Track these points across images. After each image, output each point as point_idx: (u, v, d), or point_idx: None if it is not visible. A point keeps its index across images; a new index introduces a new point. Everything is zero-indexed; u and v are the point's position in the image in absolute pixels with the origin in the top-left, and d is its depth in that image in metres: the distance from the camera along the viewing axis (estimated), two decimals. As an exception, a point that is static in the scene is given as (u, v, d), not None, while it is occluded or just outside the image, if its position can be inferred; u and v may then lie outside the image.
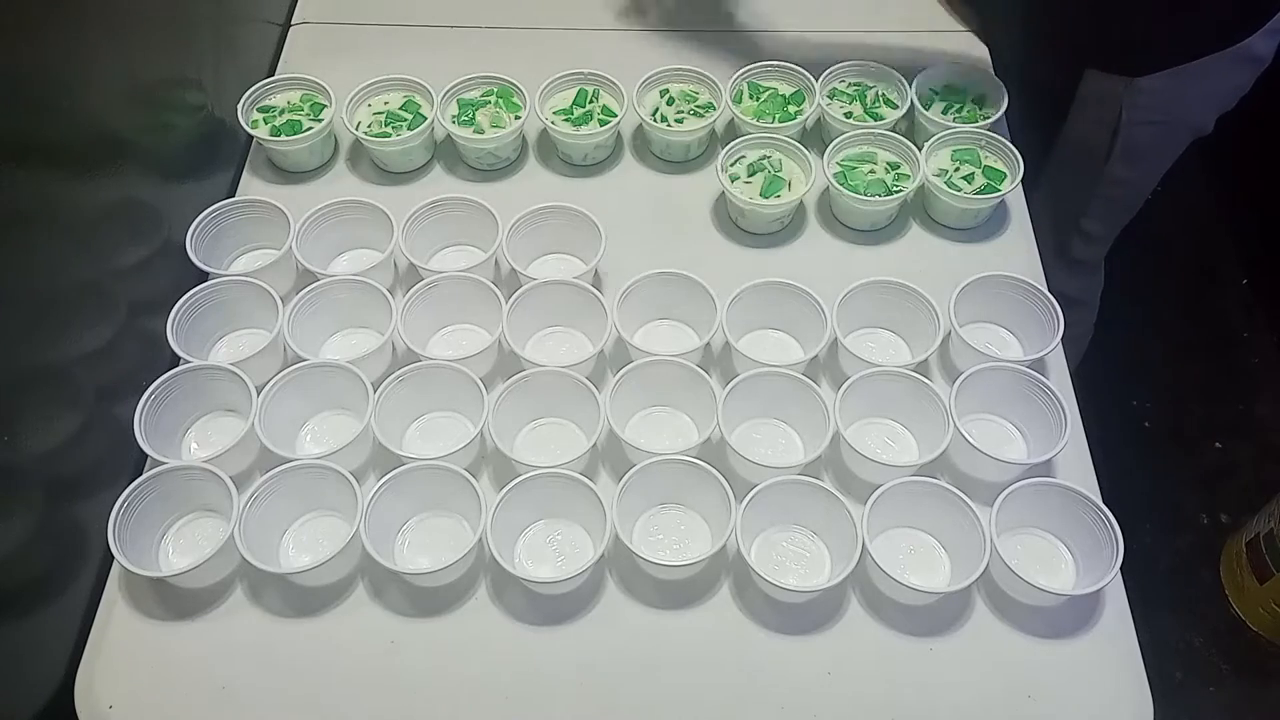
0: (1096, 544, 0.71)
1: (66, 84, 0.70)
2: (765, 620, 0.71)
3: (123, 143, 0.78)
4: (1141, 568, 1.39)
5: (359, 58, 1.06)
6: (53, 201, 0.69)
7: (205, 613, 0.72)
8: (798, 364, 0.79)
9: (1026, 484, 0.72)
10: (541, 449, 0.78)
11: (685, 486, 0.73)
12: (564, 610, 0.72)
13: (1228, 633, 1.39)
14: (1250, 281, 1.77)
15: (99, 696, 0.68)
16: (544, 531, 0.74)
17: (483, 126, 0.96)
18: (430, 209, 0.88)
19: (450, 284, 0.83)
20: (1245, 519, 1.39)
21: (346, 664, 0.70)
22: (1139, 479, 1.50)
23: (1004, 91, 0.97)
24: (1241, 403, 1.64)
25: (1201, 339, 1.71)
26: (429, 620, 0.71)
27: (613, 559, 0.74)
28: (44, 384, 0.69)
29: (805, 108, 0.97)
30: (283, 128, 0.95)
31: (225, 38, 0.98)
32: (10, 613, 0.66)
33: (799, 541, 0.74)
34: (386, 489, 0.71)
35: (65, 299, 0.71)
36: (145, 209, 0.82)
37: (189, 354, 0.79)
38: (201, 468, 0.72)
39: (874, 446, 0.79)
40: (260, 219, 0.88)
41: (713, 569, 0.73)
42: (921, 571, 0.73)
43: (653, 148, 1.00)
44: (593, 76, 0.99)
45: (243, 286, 0.82)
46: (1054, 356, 0.83)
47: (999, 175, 0.92)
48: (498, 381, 0.80)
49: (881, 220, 0.93)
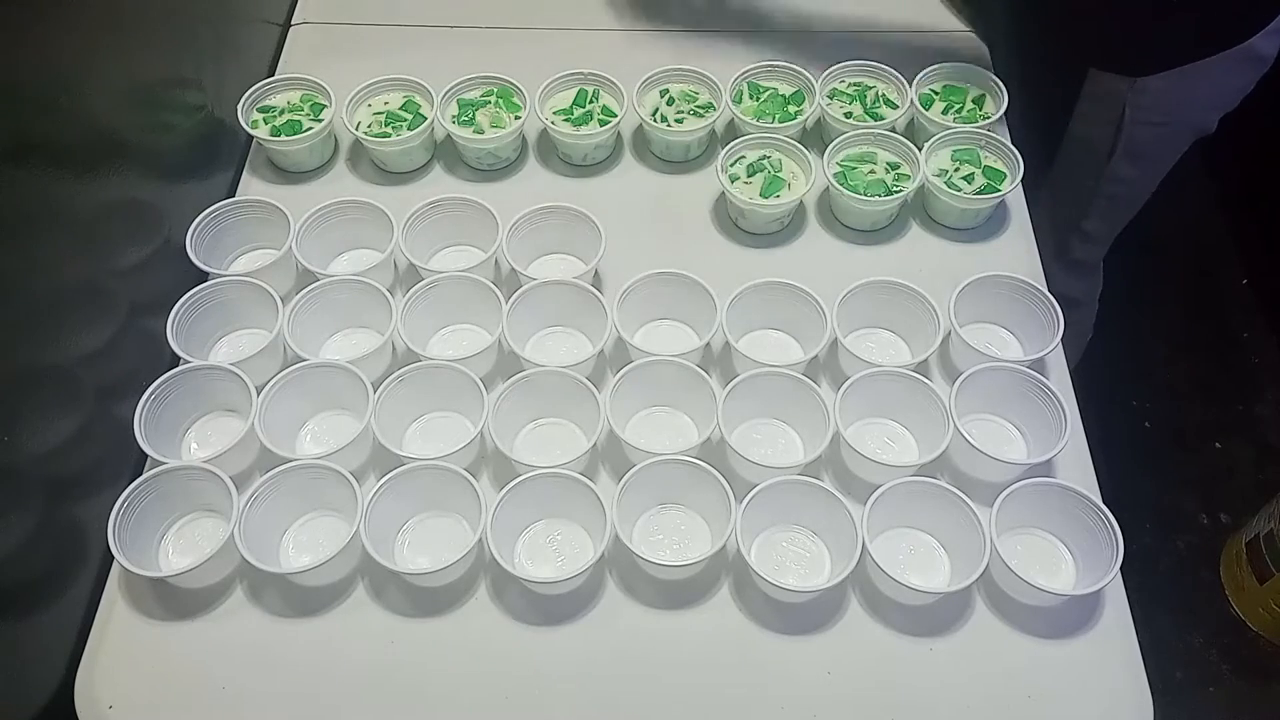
0: (1096, 544, 0.71)
1: (66, 84, 0.70)
2: (765, 620, 0.71)
3: (123, 143, 0.78)
4: (1141, 568, 1.40)
5: (359, 58, 1.06)
6: (53, 201, 0.69)
7: (205, 613, 0.72)
8: (798, 364, 0.79)
9: (1026, 484, 0.72)
10: (542, 449, 0.78)
11: (685, 486, 0.73)
12: (564, 610, 0.72)
13: (1228, 633, 1.39)
14: (1250, 281, 1.77)
15: (99, 696, 0.68)
16: (544, 531, 0.74)
17: (483, 126, 0.96)
18: (430, 209, 0.88)
19: (450, 284, 0.83)
20: (1245, 519, 1.39)
21: (346, 664, 0.70)
22: (1139, 479, 1.50)
23: (1004, 91, 0.97)
24: (1241, 403, 1.64)
25: (1201, 339, 1.71)
26: (429, 620, 0.71)
27: (613, 559, 0.74)
28: (44, 384, 0.69)
29: (805, 108, 0.97)
30: (283, 128, 0.95)
31: (225, 38, 0.98)
32: (10, 613, 0.66)
33: (799, 541, 0.74)
34: (386, 489, 0.71)
35: (65, 299, 0.71)
36: (145, 209, 0.82)
37: (189, 354, 0.79)
38: (201, 468, 0.72)
39: (874, 446, 0.79)
40: (260, 219, 0.88)
41: (713, 569, 0.73)
42: (921, 571, 0.73)
43: (653, 148, 1.00)
44: (593, 76, 0.99)
45: (243, 286, 0.82)
46: (1054, 356, 0.83)
47: (999, 175, 0.92)
48: (498, 381, 0.80)
49: (881, 220, 0.93)
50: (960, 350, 0.82)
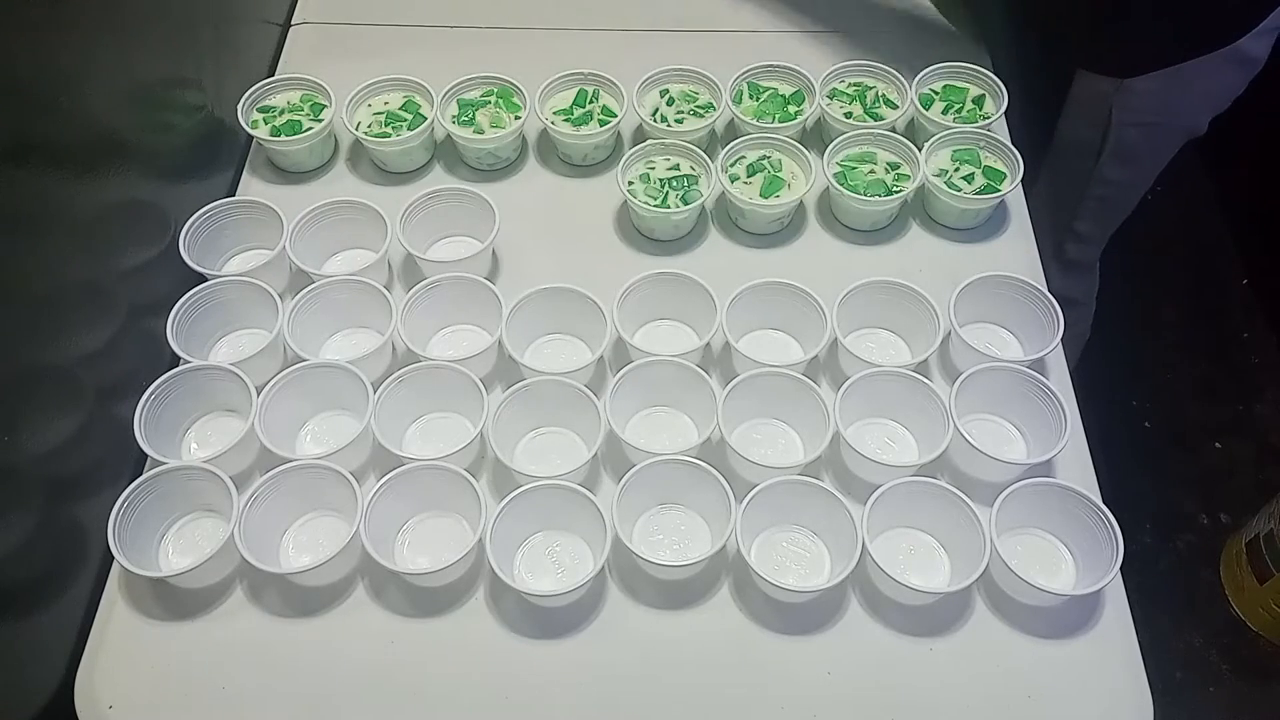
0: (1096, 544, 0.71)
1: (66, 84, 0.70)
2: (765, 620, 0.71)
3: (123, 143, 0.78)
4: (1141, 568, 1.40)
5: (359, 58, 1.06)
6: (53, 201, 0.69)
7: (205, 613, 0.72)
8: (798, 364, 0.79)
9: (1026, 484, 0.72)
10: (541, 458, 0.78)
11: (685, 486, 0.73)
12: (564, 611, 0.72)
13: (1228, 633, 1.39)
14: (1250, 281, 1.77)
15: (99, 696, 0.68)
16: (543, 543, 0.74)
17: (483, 127, 0.96)
18: (429, 199, 0.88)
19: (450, 284, 0.83)
20: (1245, 519, 1.39)
21: (346, 664, 0.70)
22: (1139, 479, 1.50)
23: (1004, 91, 0.97)
24: (1241, 403, 1.64)
25: (1201, 339, 1.71)
26: (429, 620, 0.71)
27: (613, 560, 0.74)
28: (44, 384, 0.69)
29: (805, 108, 0.97)
30: (283, 128, 0.95)
31: (225, 38, 0.98)
32: (10, 613, 0.66)
33: (799, 541, 0.74)
34: (386, 489, 0.71)
35: (65, 299, 0.71)
36: (145, 209, 0.82)
37: (189, 354, 0.79)
38: (202, 468, 0.72)
39: (874, 447, 0.79)
40: (254, 219, 0.88)
41: (713, 569, 0.73)
42: (921, 572, 0.73)
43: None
44: (593, 76, 0.99)
45: (242, 287, 0.82)
46: (1054, 356, 0.83)
47: (999, 175, 0.92)
48: (497, 382, 0.80)
49: (881, 220, 0.93)
50: (960, 350, 0.82)
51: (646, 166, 0.93)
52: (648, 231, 0.92)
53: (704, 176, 0.92)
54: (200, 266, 0.84)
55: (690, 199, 0.90)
